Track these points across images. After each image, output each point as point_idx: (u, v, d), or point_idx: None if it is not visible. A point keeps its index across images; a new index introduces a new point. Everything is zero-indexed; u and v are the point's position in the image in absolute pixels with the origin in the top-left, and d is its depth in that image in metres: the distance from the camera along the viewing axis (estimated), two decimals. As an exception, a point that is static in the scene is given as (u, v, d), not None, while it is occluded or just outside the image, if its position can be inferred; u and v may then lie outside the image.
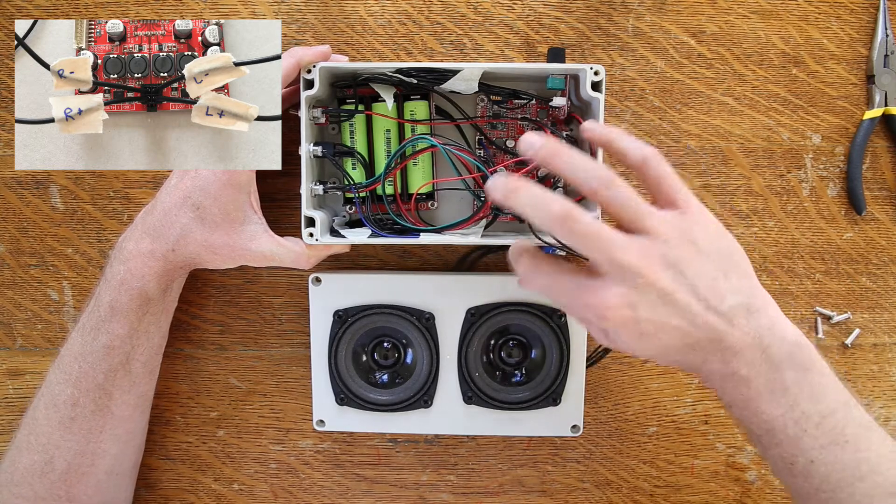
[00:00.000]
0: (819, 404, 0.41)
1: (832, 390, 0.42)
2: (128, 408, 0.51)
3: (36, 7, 0.56)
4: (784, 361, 0.41)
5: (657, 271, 0.40)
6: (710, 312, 0.40)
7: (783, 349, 0.41)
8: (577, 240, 0.40)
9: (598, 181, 0.40)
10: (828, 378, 0.42)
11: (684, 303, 0.40)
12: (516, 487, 0.59)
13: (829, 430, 0.41)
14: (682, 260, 0.41)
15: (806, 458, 0.41)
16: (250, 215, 0.50)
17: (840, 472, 0.41)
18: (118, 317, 0.49)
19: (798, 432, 0.41)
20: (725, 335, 0.41)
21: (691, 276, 0.40)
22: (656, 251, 0.40)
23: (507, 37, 0.56)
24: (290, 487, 0.59)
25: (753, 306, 0.41)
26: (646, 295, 0.40)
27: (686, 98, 0.57)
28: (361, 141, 0.52)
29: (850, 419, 0.42)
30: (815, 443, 0.41)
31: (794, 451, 0.42)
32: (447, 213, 0.55)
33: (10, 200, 0.57)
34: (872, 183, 0.57)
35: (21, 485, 0.49)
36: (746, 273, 0.43)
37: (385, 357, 0.55)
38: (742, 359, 0.41)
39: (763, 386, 0.41)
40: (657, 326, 0.40)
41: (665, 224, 0.41)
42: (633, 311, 0.40)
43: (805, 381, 0.41)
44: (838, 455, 0.41)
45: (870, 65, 0.56)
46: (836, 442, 0.41)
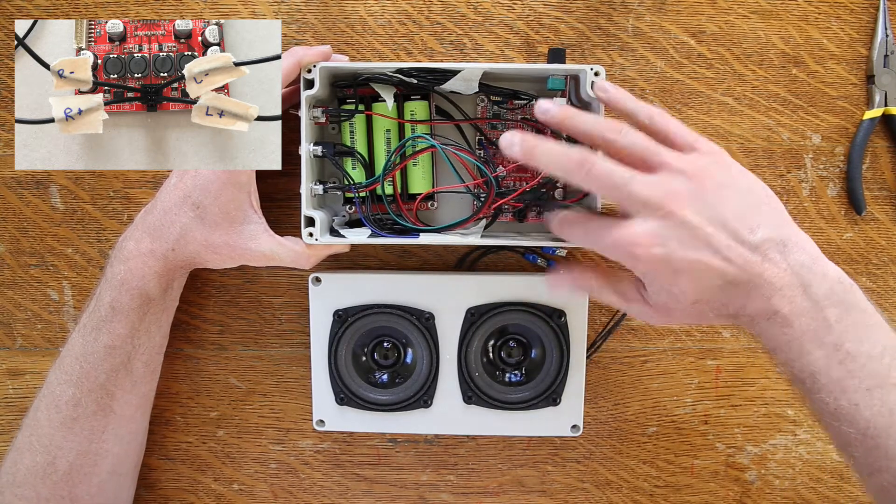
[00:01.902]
0: (864, 345, 0.39)
1: (879, 331, 0.40)
2: (130, 407, 0.51)
3: (36, 7, 0.56)
4: (826, 299, 0.40)
5: (681, 204, 0.40)
6: (743, 246, 0.40)
7: (824, 286, 0.40)
8: (596, 182, 0.41)
9: (610, 130, 0.42)
10: (874, 318, 0.40)
11: (713, 236, 0.39)
12: (516, 487, 0.59)
13: (875, 371, 0.39)
14: (705, 193, 0.40)
15: (850, 401, 0.39)
16: (250, 215, 0.50)
17: (887, 417, 0.39)
18: (119, 316, 0.49)
19: (842, 374, 0.39)
20: (763, 270, 0.40)
21: (717, 208, 0.40)
22: (677, 185, 0.40)
23: (507, 37, 0.56)
24: (290, 487, 0.59)
25: (789, 241, 0.40)
26: (673, 230, 0.39)
27: (686, 98, 0.57)
28: (361, 141, 0.52)
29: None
30: (860, 384, 0.39)
31: (838, 393, 0.39)
32: (447, 213, 0.55)
33: (10, 200, 0.57)
34: (872, 183, 0.57)
35: (23, 486, 0.49)
36: (777, 208, 0.42)
37: (385, 357, 0.55)
38: (783, 296, 0.40)
39: (806, 325, 0.40)
40: (690, 263, 0.40)
41: (683, 160, 0.41)
42: (662, 245, 0.40)
43: (849, 319, 0.40)
44: (885, 398, 0.39)
45: (870, 65, 0.56)
46: (883, 385, 0.39)
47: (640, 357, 0.58)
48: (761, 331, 0.42)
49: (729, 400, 0.58)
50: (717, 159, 0.42)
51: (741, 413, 0.58)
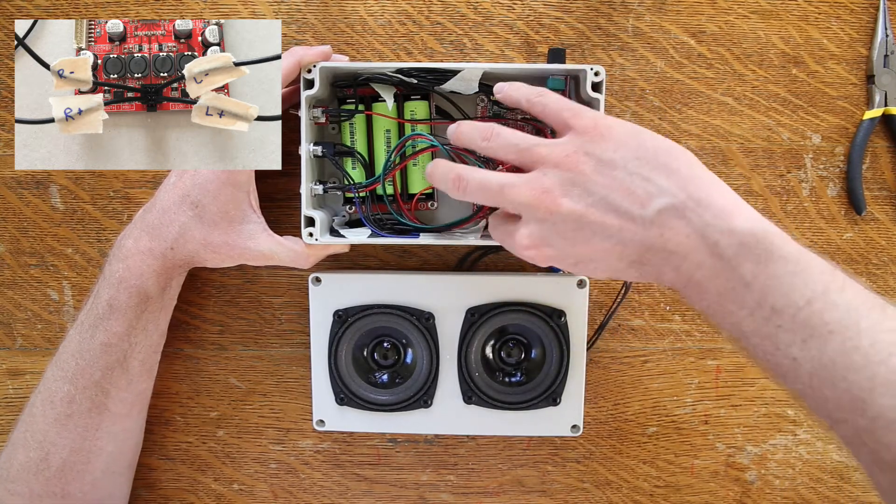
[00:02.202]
0: (790, 296, 0.36)
1: (805, 276, 0.36)
2: (125, 406, 0.51)
3: (36, 7, 0.56)
4: (738, 255, 0.37)
5: (556, 199, 0.39)
6: (635, 223, 0.38)
7: (733, 242, 0.37)
8: (474, 197, 0.42)
9: (481, 135, 0.43)
10: (797, 264, 0.37)
11: (600, 221, 0.38)
12: (516, 487, 0.59)
13: (806, 321, 0.36)
14: (583, 178, 0.39)
15: (788, 356, 0.36)
16: (249, 214, 0.50)
17: (830, 367, 0.35)
18: (116, 315, 0.49)
19: (772, 330, 0.36)
20: (663, 241, 0.38)
21: (599, 190, 0.38)
22: (550, 178, 0.39)
23: (507, 37, 0.56)
24: (290, 487, 0.59)
25: (688, 203, 0.38)
26: (555, 226, 0.39)
27: (686, 98, 0.57)
28: (361, 141, 0.52)
29: (831, 305, 0.36)
30: (794, 338, 0.36)
31: (773, 351, 0.37)
32: (447, 214, 0.55)
33: (10, 200, 0.57)
34: (872, 183, 0.57)
35: (17, 481, 0.49)
36: (674, 169, 0.39)
37: (385, 357, 0.55)
38: (691, 262, 0.38)
39: (722, 286, 0.37)
40: (585, 252, 0.39)
41: (554, 149, 0.40)
42: (548, 245, 0.39)
43: (767, 272, 0.36)
44: (822, 348, 0.35)
45: (870, 65, 0.56)
46: (818, 334, 0.35)
47: (640, 357, 0.58)
48: (685, 297, 0.39)
49: (729, 400, 0.58)
50: (596, 134, 0.40)
51: (741, 413, 0.58)
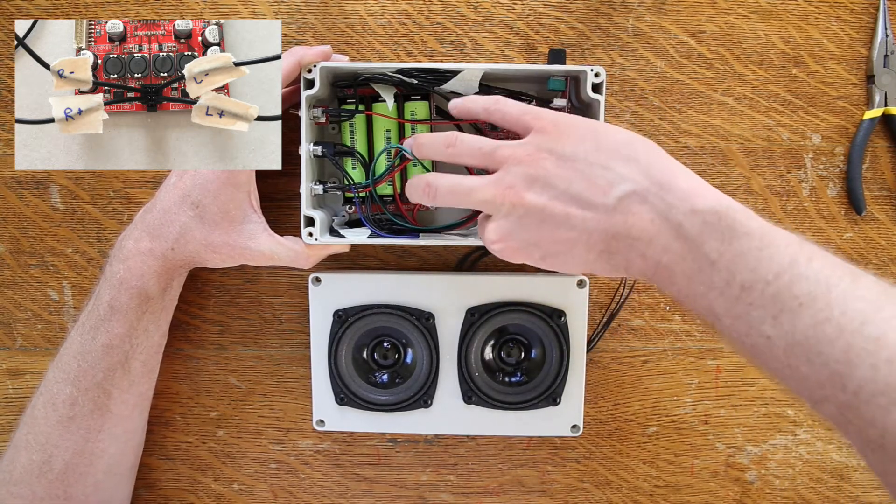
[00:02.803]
0: (758, 271, 0.35)
1: (772, 250, 0.36)
2: (126, 407, 0.51)
3: (36, 7, 0.56)
4: (701, 234, 0.36)
5: (518, 193, 0.40)
6: (598, 211, 0.38)
7: (696, 222, 0.37)
8: (445, 201, 0.43)
9: (444, 142, 0.44)
10: (762, 239, 0.36)
11: (563, 212, 0.39)
12: (516, 487, 0.59)
13: (776, 296, 0.35)
14: (544, 172, 0.40)
15: (761, 334, 0.35)
16: (249, 214, 0.50)
17: (803, 342, 0.34)
18: (117, 316, 0.49)
19: (743, 309, 0.35)
20: (627, 228, 0.38)
21: (560, 183, 0.39)
22: (512, 176, 0.40)
23: (507, 37, 0.56)
24: (290, 487, 0.59)
25: (650, 188, 0.38)
26: (518, 220, 0.40)
27: (686, 98, 0.57)
28: (361, 141, 0.52)
29: (800, 278, 0.35)
30: (764, 315, 0.35)
31: (747, 330, 0.35)
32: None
33: (10, 200, 0.57)
34: (872, 183, 0.57)
35: (19, 484, 0.49)
36: (633, 157, 0.39)
37: (385, 357, 0.55)
38: (656, 246, 0.38)
39: (689, 268, 0.37)
40: (551, 245, 0.40)
41: (515, 149, 0.41)
42: (514, 238, 0.41)
43: (732, 250, 0.36)
44: (794, 322, 0.34)
45: (870, 65, 0.56)
46: (788, 308, 0.34)
47: (640, 357, 0.58)
48: (657, 284, 0.39)
49: (729, 400, 0.58)
50: (555, 131, 0.41)
51: (741, 413, 0.58)
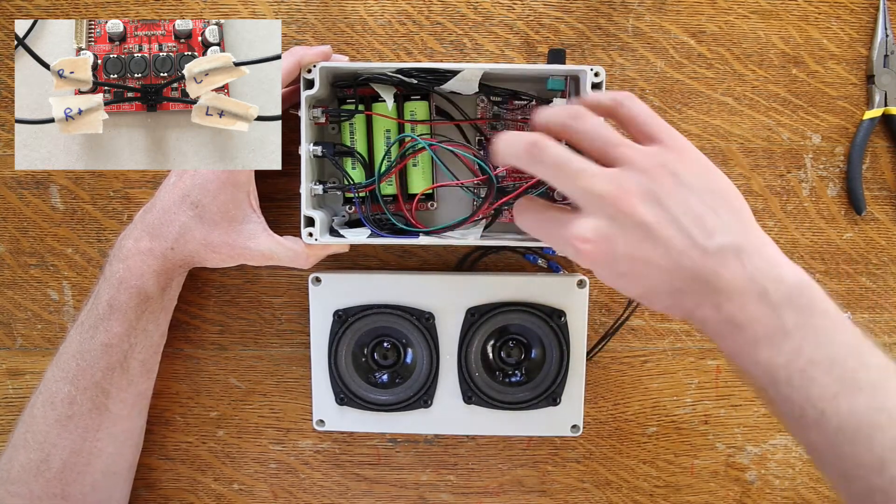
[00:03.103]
0: (826, 349, 0.37)
1: (842, 334, 0.37)
2: (125, 406, 0.51)
3: (36, 7, 0.56)
4: (783, 305, 0.37)
5: (634, 202, 0.38)
6: (697, 250, 0.38)
7: (781, 291, 0.37)
8: (546, 170, 0.40)
9: (570, 116, 0.40)
10: (835, 321, 0.38)
11: (666, 237, 0.38)
12: (516, 487, 0.59)
13: (839, 377, 0.36)
14: (663, 192, 0.38)
15: (816, 409, 0.36)
16: (249, 214, 0.50)
17: (855, 424, 0.36)
18: (116, 315, 0.49)
19: (804, 382, 0.37)
20: (715, 277, 0.37)
21: (674, 209, 0.38)
22: (632, 181, 0.38)
23: (507, 37, 0.56)
24: (290, 487, 0.59)
25: (747, 247, 0.38)
26: (623, 228, 0.38)
27: (686, 98, 0.57)
28: (361, 141, 0.52)
29: (863, 365, 0.37)
30: (824, 392, 0.36)
31: (803, 402, 0.37)
32: (447, 214, 0.55)
33: (10, 200, 0.57)
34: (872, 183, 0.57)
35: (17, 483, 0.49)
36: (739, 211, 0.40)
37: (385, 357, 0.55)
38: (735, 303, 0.37)
39: (761, 332, 0.37)
40: (638, 264, 0.38)
41: (641, 154, 0.39)
42: (609, 244, 0.38)
43: (809, 324, 0.37)
44: (852, 404, 0.36)
45: (870, 65, 0.56)
46: (849, 390, 0.36)
47: (640, 357, 0.58)
48: (715, 335, 0.39)
49: (729, 400, 0.58)
50: (681, 155, 0.40)
51: (741, 413, 0.58)
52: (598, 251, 0.39)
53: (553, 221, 0.41)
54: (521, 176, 0.54)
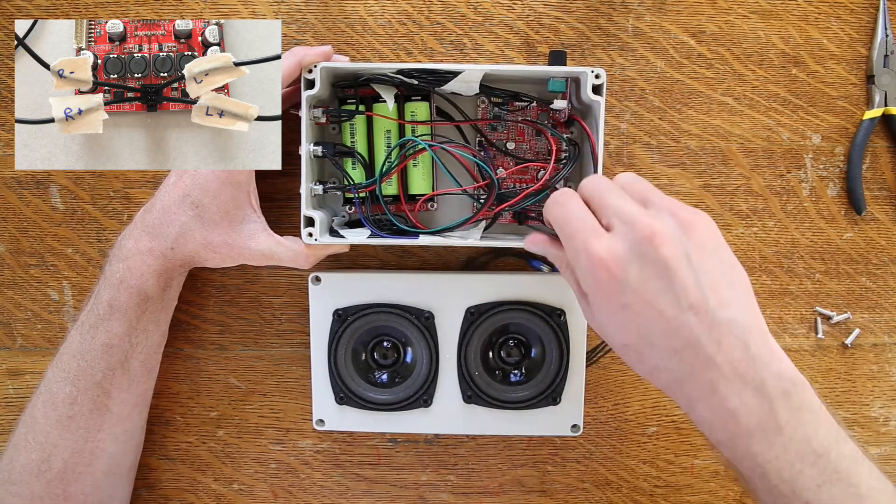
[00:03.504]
0: (812, 443, 0.38)
1: (825, 427, 0.39)
2: (126, 407, 0.51)
3: (36, 7, 0.56)
4: (779, 400, 0.38)
5: (663, 240, 0.37)
6: (706, 315, 0.37)
7: (779, 387, 0.38)
8: (586, 190, 0.41)
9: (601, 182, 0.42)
10: (820, 415, 0.39)
11: (681, 286, 0.37)
12: (516, 487, 0.59)
13: (823, 468, 0.38)
14: (691, 245, 0.38)
15: (802, 499, 0.38)
16: (249, 214, 0.50)
17: None
18: (117, 315, 0.49)
19: (793, 475, 0.38)
20: (716, 350, 0.37)
21: (696, 265, 0.38)
22: (667, 224, 0.38)
23: (507, 37, 0.56)
24: (290, 487, 0.59)
25: (753, 331, 0.38)
26: (642, 258, 0.37)
27: (686, 98, 0.57)
28: (362, 141, 0.52)
29: (842, 454, 0.38)
30: (810, 483, 0.38)
31: (789, 493, 0.38)
32: (447, 214, 0.55)
33: (10, 200, 0.57)
34: (872, 183, 0.57)
35: (18, 483, 0.49)
36: (749, 293, 0.40)
37: (385, 356, 0.55)
38: (731, 388, 0.37)
39: (755, 424, 0.38)
40: (643, 302, 0.37)
41: (679, 208, 0.40)
42: (623, 270, 0.37)
43: (799, 420, 0.38)
44: (833, 493, 0.38)
45: (870, 65, 0.57)
46: (831, 480, 0.38)
47: (640, 357, 0.58)
48: (700, 417, 0.39)
49: (729, 400, 0.58)
50: (708, 224, 0.40)
51: (741, 413, 0.58)
52: (609, 273, 0.38)
53: (581, 223, 0.40)
54: (520, 179, 0.54)
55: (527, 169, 0.54)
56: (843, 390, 0.58)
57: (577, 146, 0.52)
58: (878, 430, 0.58)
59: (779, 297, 0.58)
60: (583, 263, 0.39)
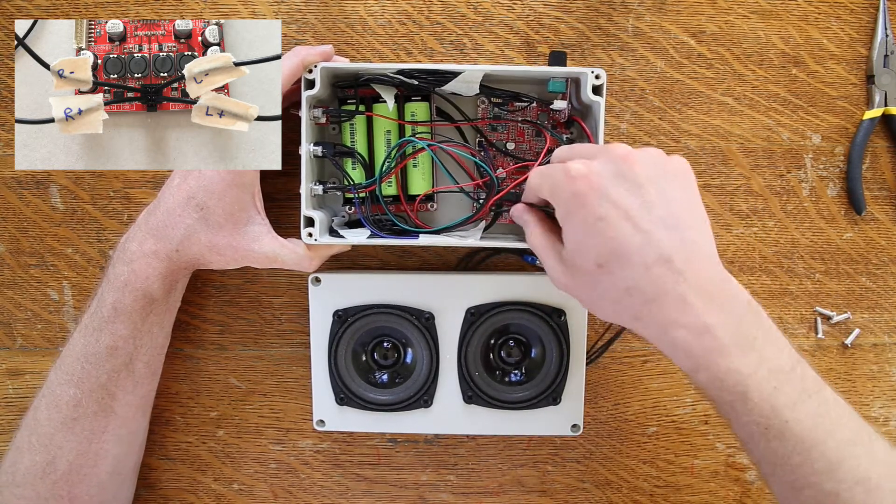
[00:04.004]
0: (781, 359, 0.39)
1: (786, 345, 0.40)
2: (130, 408, 0.51)
3: (36, 7, 0.56)
4: (745, 317, 0.39)
5: (639, 160, 0.40)
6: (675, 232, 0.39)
7: (741, 306, 0.39)
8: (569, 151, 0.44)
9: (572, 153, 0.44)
10: (777, 334, 0.40)
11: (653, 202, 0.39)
12: (516, 487, 0.59)
13: (797, 382, 0.38)
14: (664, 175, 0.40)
15: (780, 419, 0.38)
16: (254, 216, 0.50)
17: (812, 430, 0.38)
18: (121, 318, 0.49)
19: (770, 391, 0.38)
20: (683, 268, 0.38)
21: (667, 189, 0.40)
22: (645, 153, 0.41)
23: (507, 37, 0.56)
24: (290, 487, 0.59)
25: (714, 256, 0.40)
26: (620, 177, 0.39)
27: (686, 98, 0.57)
28: (362, 141, 0.52)
29: (807, 373, 0.40)
30: (787, 399, 0.38)
31: (769, 412, 0.38)
32: (447, 214, 0.55)
33: (10, 200, 0.57)
34: (872, 183, 0.57)
35: (23, 486, 0.49)
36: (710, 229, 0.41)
37: (385, 357, 0.55)
38: (703, 303, 0.38)
39: (730, 338, 0.38)
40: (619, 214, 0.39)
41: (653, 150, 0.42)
42: (601, 183, 0.39)
43: (766, 337, 0.39)
44: (809, 409, 0.38)
45: (870, 65, 0.57)
46: (803, 397, 0.38)
47: (640, 357, 0.58)
48: (674, 339, 0.39)
49: (729, 400, 0.58)
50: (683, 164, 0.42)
51: (741, 413, 0.58)
52: (588, 183, 0.39)
53: (561, 159, 0.43)
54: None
55: (526, 169, 0.54)
56: (843, 390, 0.58)
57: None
58: (878, 430, 0.58)
59: (779, 297, 0.58)
60: (562, 183, 0.41)
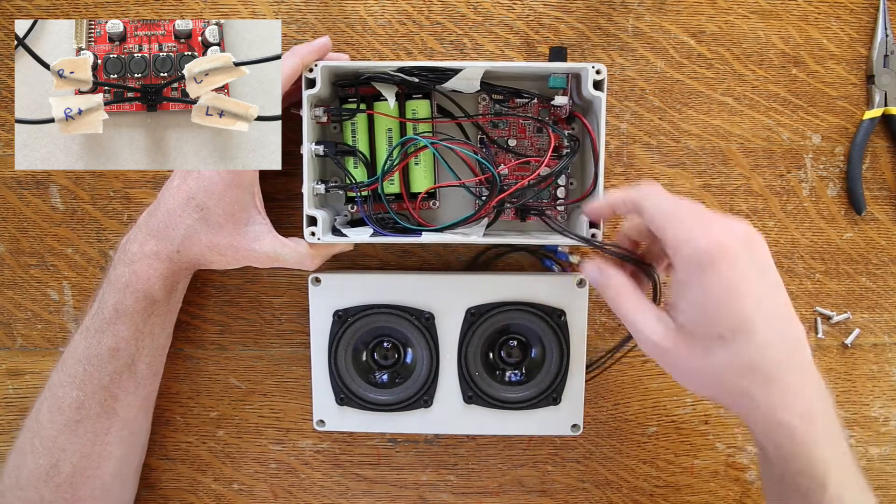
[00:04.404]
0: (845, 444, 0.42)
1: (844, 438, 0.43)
2: (133, 409, 0.51)
3: (36, 7, 0.56)
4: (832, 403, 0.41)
5: (760, 244, 0.41)
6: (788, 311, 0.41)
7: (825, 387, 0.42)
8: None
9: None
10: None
11: (776, 283, 0.41)
12: (516, 487, 0.59)
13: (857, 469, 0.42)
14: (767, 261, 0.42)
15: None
16: (254, 216, 0.50)
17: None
18: (123, 319, 0.49)
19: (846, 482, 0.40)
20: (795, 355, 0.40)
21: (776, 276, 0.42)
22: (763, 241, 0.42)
23: (507, 37, 0.56)
24: (290, 487, 0.59)
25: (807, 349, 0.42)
26: (749, 254, 0.40)
27: (686, 98, 0.57)
28: (363, 140, 0.52)
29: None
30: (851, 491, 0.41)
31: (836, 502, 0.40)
32: (449, 213, 0.55)
33: (10, 200, 0.57)
34: (872, 183, 0.57)
35: (26, 489, 0.49)
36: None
37: (385, 357, 0.55)
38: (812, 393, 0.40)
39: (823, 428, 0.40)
40: (748, 290, 0.39)
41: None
42: (737, 255, 0.39)
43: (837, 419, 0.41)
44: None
45: (870, 65, 0.57)
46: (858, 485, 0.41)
47: (640, 357, 0.58)
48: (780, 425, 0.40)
49: (729, 400, 0.58)
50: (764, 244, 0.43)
51: (741, 413, 0.58)
52: (724, 251, 0.40)
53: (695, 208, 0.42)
54: (522, 176, 0.54)
55: (528, 165, 0.54)
56: (843, 390, 0.58)
57: (578, 141, 0.52)
58: (878, 430, 0.58)
59: (779, 296, 0.58)
60: (699, 242, 0.40)
